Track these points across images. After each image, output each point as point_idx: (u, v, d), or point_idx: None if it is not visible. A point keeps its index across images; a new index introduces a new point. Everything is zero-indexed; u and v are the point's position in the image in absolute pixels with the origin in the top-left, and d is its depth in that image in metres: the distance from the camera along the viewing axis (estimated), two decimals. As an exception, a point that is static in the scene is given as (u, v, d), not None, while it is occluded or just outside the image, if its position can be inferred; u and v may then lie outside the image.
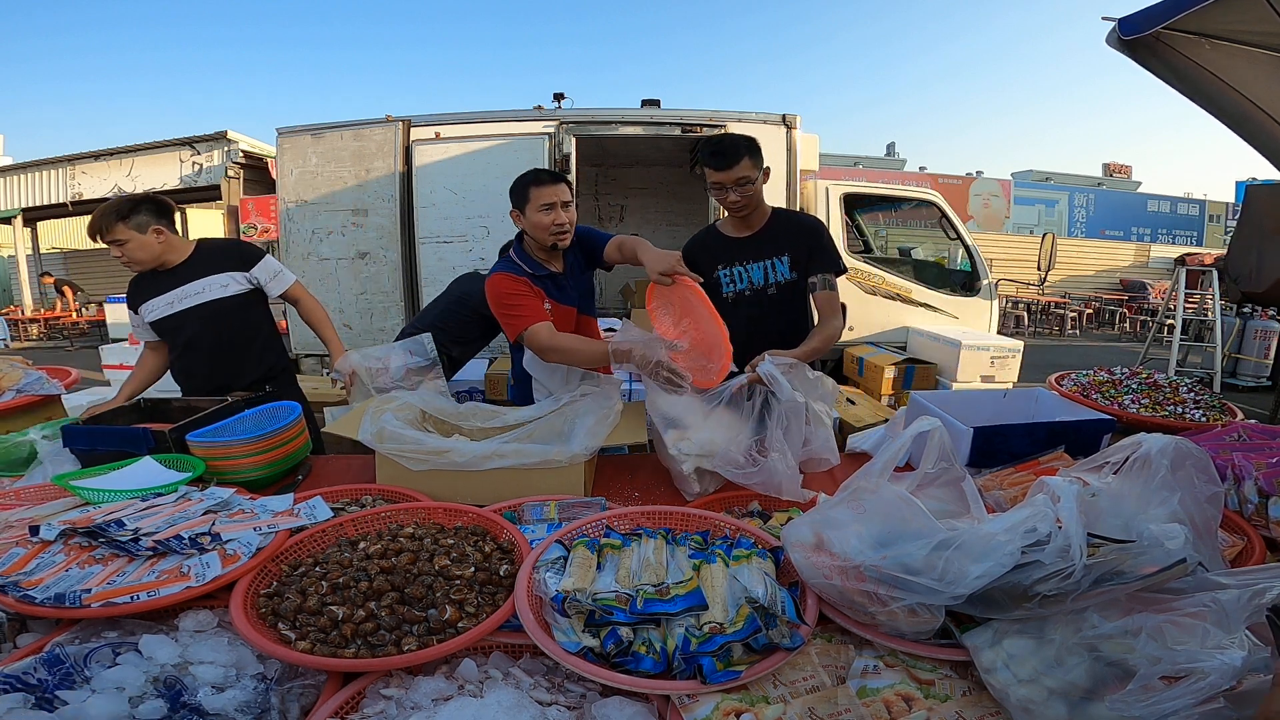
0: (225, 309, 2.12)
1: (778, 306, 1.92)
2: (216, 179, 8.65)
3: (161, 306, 2.07)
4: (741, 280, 1.91)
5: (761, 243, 1.92)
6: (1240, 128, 2.85)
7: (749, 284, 1.91)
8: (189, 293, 2.08)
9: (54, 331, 11.82)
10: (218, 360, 2.13)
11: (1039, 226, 17.58)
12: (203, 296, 2.09)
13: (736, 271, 1.91)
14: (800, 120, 4.00)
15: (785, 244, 1.91)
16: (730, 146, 1.79)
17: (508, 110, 4.03)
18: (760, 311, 1.91)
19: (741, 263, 1.91)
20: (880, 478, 1.01)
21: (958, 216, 5.15)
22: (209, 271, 2.11)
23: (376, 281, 4.04)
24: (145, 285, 2.10)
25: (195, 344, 2.10)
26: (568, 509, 1.33)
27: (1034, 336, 11.95)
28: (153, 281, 2.08)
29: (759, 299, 1.91)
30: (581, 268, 2.00)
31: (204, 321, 2.09)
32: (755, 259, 1.91)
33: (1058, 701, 0.78)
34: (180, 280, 2.08)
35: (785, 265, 1.90)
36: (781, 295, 1.92)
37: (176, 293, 2.07)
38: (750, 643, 0.87)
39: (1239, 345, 7.13)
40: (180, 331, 2.09)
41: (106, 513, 1.19)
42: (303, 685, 0.91)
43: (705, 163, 1.83)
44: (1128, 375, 2.03)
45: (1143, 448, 1.05)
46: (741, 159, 1.78)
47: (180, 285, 2.07)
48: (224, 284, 2.12)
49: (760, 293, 1.91)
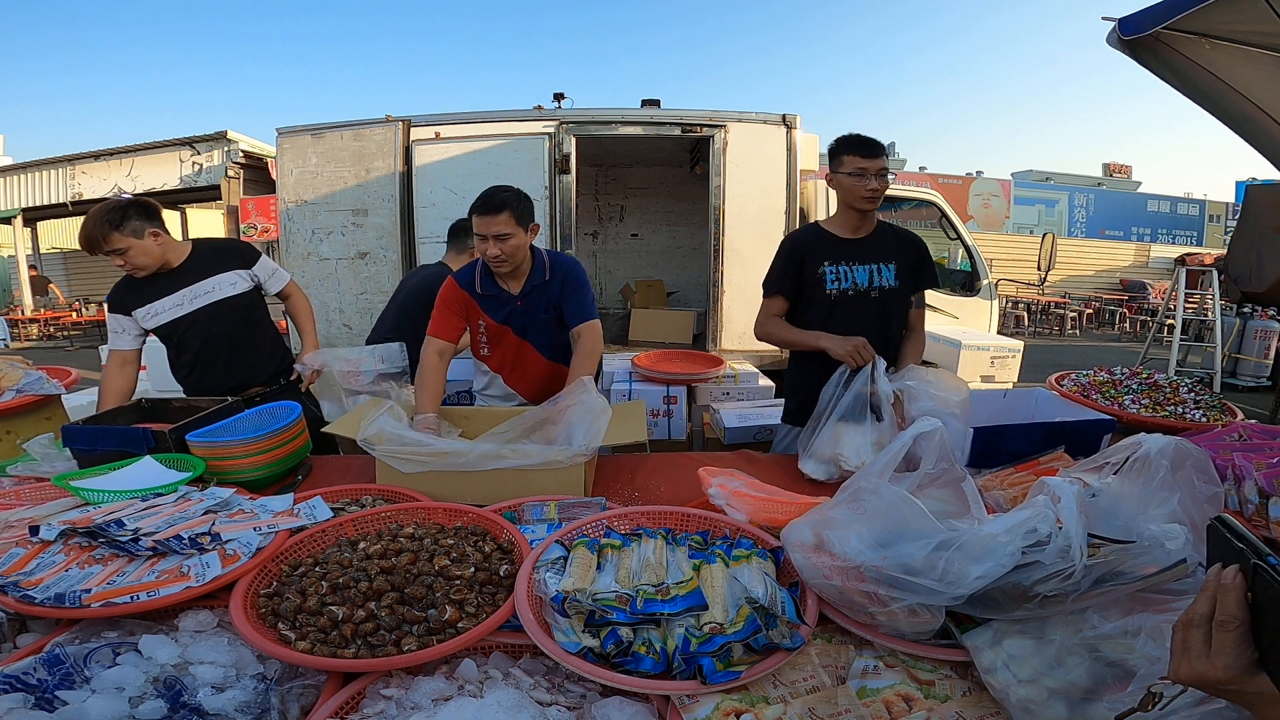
0: (236, 307, 2.11)
1: (878, 310, 1.95)
2: (216, 179, 8.66)
3: (169, 308, 2.03)
4: (846, 279, 1.94)
5: (871, 247, 1.97)
6: (1240, 128, 2.85)
7: (853, 284, 1.94)
8: (199, 292, 2.06)
9: (54, 331, 11.81)
10: (234, 358, 2.11)
11: (1039, 226, 17.58)
12: (213, 295, 2.07)
13: (843, 270, 1.95)
14: (800, 120, 4.00)
15: (894, 253, 1.97)
16: (878, 142, 1.88)
17: (508, 110, 4.03)
18: (860, 312, 1.94)
19: (848, 262, 1.95)
20: (880, 478, 1.01)
21: (958, 216, 5.16)
22: (214, 270, 2.09)
23: (376, 281, 4.03)
24: (143, 288, 2.03)
25: (210, 343, 2.08)
26: (568, 509, 1.33)
27: (1034, 336, 11.95)
28: (152, 284, 2.03)
29: (862, 300, 1.95)
30: (547, 306, 2.02)
31: (216, 321, 2.07)
32: (863, 261, 1.95)
33: (1058, 701, 0.78)
34: (186, 280, 2.05)
35: (892, 273, 1.96)
36: (883, 300, 1.96)
37: (185, 293, 2.04)
38: (750, 643, 0.87)
39: (1239, 345, 7.13)
40: (191, 332, 2.06)
41: (106, 513, 1.19)
42: (303, 685, 0.91)
43: (849, 151, 1.88)
44: (1128, 375, 2.03)
45: (1142, 448, 1.05)
46: (883, 154, 1.88)
47: (187, 285, 2.04)
48: (232, 282, 2.11)
49: (864, 294, 1.95)
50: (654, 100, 4.40)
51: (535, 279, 1.98)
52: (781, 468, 1.75)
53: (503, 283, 1.97)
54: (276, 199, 4.18)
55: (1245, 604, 0.54)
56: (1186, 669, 0.57)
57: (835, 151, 1.91)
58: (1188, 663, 0.57)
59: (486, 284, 1.98)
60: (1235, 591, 0.55)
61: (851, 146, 1.88)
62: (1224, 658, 0.54)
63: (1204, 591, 0.57)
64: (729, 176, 3.97)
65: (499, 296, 1.98)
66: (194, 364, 2.11)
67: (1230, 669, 0.54)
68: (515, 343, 2.04)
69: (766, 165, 4.01)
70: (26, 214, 10.77)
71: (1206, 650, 0.55)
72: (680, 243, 6.44)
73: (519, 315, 2.01)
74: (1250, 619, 0.54)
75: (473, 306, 1.99)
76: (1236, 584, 0.55)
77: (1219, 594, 0.56)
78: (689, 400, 3.32)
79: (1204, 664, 0.55)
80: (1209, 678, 0.55)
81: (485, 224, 1.81)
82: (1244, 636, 0.54)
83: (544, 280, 1.99)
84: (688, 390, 3.31)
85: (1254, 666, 0.53)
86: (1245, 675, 0.53)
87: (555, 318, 2.04)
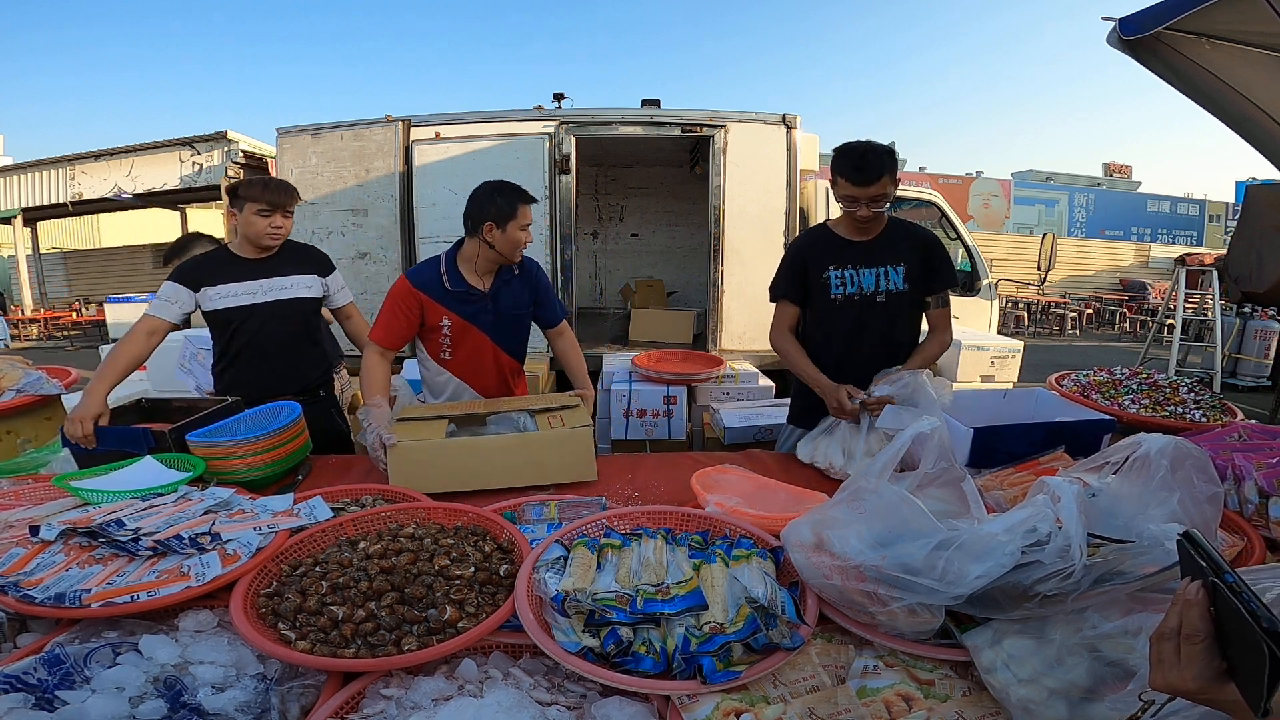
0: (303, 310, 2.10)
1: (884, 315, 1.88)
2: (216, 179, 8.65)
3: (242, 293, 2.00)
4: (852, 284, 1.87)
5: (878, 249, 1.88)
6: (1240, 128, 2.85)
7: (859, 289, 1.87)
8: (278, 286, 2.05)
9: (54, 331, 11.82)
10: (284, 359, 2.08)
11: (1039, 226, 17.58)
12: (290, 292, 2.06)
13: (848, 274, 1.87)
14: (800, 120, 4.00)
15: (902, 254, 1.87)
16: (873, 161, 1.70)
17: (508, 110, 4.03)
18: (865, 318, 1.88)
19: (854, 266, 1.87)
20: (880, 478, 1.01)
21: (958, 216, 5.15)
22: (298, 270, 2.09)
23: (377, 281, 4.03)
24: (222, 268, 2.01)
25: (267, 338, 2.04)
26: (568, 509, 1.33)
27: (1034, 336, 11.95)
28: (232, 266, 2.01)
29: (867, 305, 1.87)
30: (516, 304, 1.99)
31: (280, 318, 2.05)
32: (869, 265, 1.87)
33: (1058, 701, 0.78)
34: (267, 272, 2.04)
35: (899, 275, 1.87)
36: (890, 304, 1.87)
37: (264, 283, 2.02)
38: (750, 643, 0.87)
39: (1239, 345, 7.12)
40: (252, 322, 2.02)
41: (106, 513, 1.19)
42: (303, 685, 0.91)
43: (841, 173, 1.75)
44: (1128, 375, 2.03)
45: (1142, 448, 1.05)
46: (881, 176, 1.71)
47: (269, 276, 2.03)
48: (309, 285, 2.11)
49: (869, 299, 1.87)
50: (654, 100, 4.40)
51: (504, 275, 1.96)
52: (783, 468, 1.75)
53: (472, 279, 1.92)
54: (277, 199, 4.18)
55: (1209, 618, 0.56)
56: (1161, 679, 0.58)
57: (833, 165, 1.78)
58: (1161, 674, 0.58)
59: (455, 279, 1.91)
60: (1198, 606, 0.57)
61: (844, 169, 1.74)
62: (1192, 669, 0.56)
63: (1173, 606, 0.59)
64: (729, 176, 3.97)
65: (469, 293, 1.92)
66: (242, 355, 2.06)
67: (1199, 679, 0.55)
68: (479, 340, 1.97)
69: (766, 165, 4.01)
70: (26, 214, 10.77)
71: (1177, 662, 0.57)
72: (680, 243, 6.44)
73: (487, 313, 1.95)
74: (1215, 632, 0.56)
75: (431, 306, 1.90)
76: (1199, 600, 0.57)
77: (1184, 609, 0.58)
78: (689, 400, 3.32)
79: (1176, 675, 0.57)
80: (1180, 688, 0.57)
81: (530, 213, 1.80)
82: (1209, 649, 0.56)
83: (512, 276, 1.97)
84: (688, 390, 3.31)
85: (1223, 676, 0.55)
86: (1214, 685, 0.55)
87: (523, 316, 2.02)
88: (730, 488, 1.39)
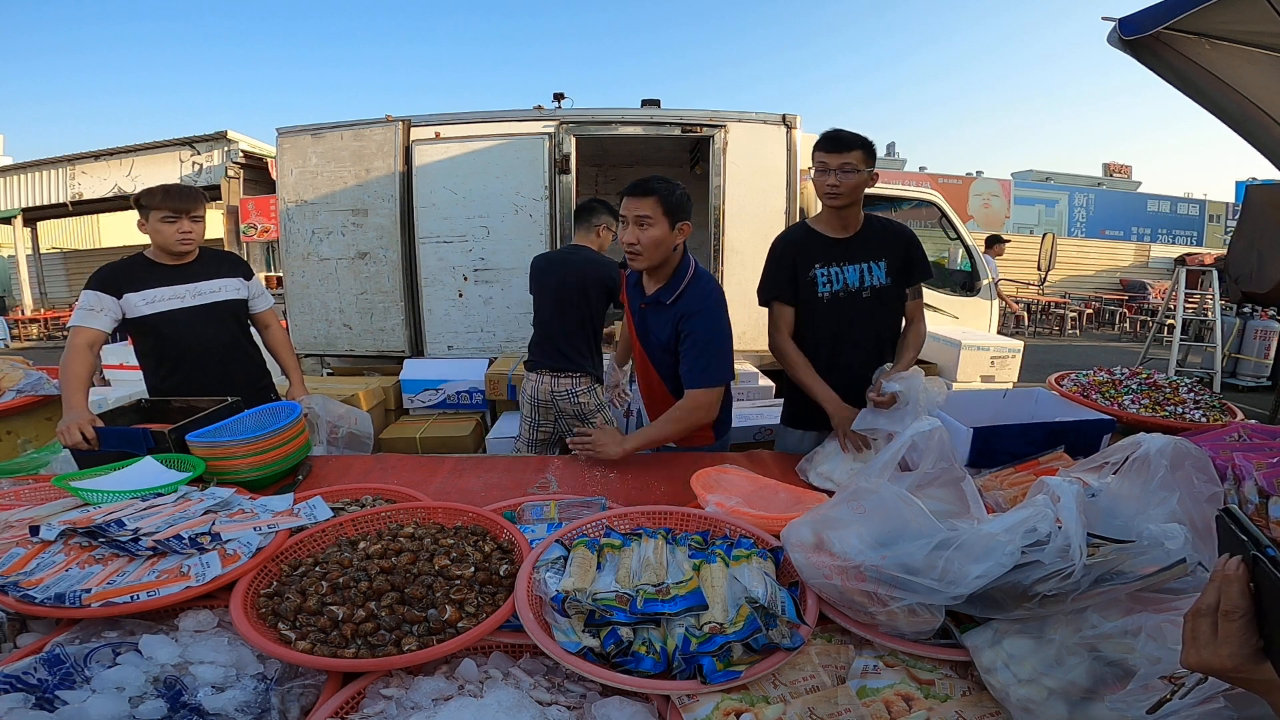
0: (235, 312, 2.11)
1: (869, 310, 1.92)
2: (216, 179, 8.66)
3: (169, 298, 1.99)
4: (838, 281, 1.91)
5: (859, 246, 1.92)
6: (1240, 128, 2.85)
7: (844, 285, 1.91)
8: (204, 290, 2.04)
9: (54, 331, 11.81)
10: (219, 364, 2.08)
11: (1039, 226, 17.56)
12: (218, 295, 2.06)
13: (833, 272, 1.91)
14: (800, 120, 4.00)
15: (884, 250, 1.92)
16: (847, 137, 1.82)
17: (508, 110, 4.03)
18: (851, 314, 1.91)
19: (838, 263, 1.91)
20: (880, 478, 1.01)
21: (958, 216, 5.15)
22: (220, 274, 2.09)
23: (376, 281, 4.03)
24: (143, 273, 1.98)
25: (200, 343, 2.04)
26: (568, 509, 1.33)
27: (1034, 336, 11.95)
28: (153, 272, 2.00)
29: (853, 301, 1.92)
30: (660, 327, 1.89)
31: (211, 322, 2.05)
32: (852, 261, 1.91)
33: (1058, 701, 0.78)
34: (190, 277, 2.02)
35: (882, 270, 1.91)
36: (875, 299, 1.92)
37: (189, 287, 2.01)
38: (750, 643, 0.87)
39: (1239, 345, 7.12)
40: (182, 328, 2.01)
41: (106, 513, 1.19)
42: (303, 685, 0.91)
43: (818, 146, 1.85)
44: (1128, 375, 2.03)
45: (1142, 448, 1.05)
46: (854, 149, 1.80)
47: (193, 281, 2.02)
48: (235, 288, 2.11)
49: (854, 295, 1.91)
50: (654, 100, 4.39)
51: (664, 292, 1.83)
52: (783, 468, 1.75)
53: (642, 276, 1.93)
54: (276, 199, 4.18)
55: (1248, 594, 0.55)
56: (1195, 657, 0.58)
57: (813, 146, 1.87)
58: (1196, 651, 0.58)
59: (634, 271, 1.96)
60: (1238, 582, 0.56)
61: (821, 141, 1.84)
62: (1229, 646, 0.55)
63: (1211, 582, 0.58)
64: (729, 176, 3.97)
65: (638, 287, 1.95)
66: (177, 362, 2.04)
67: (1235, 657, 0.55)
68: (633, 342, 2.01)
69: (766, 165, 4.00)
70: (26, 214, 10.78)
71: (1214, 639, 0.56)
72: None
73: (640, 317, 1.95)
74: (1254, 609, 0.55)
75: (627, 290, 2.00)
76: (1239, 575, 0.56)
77: (1223, 585, 0.57)
78: (689, 400, 3.32)
79: (1210, 652, 0.56)
80: (1215, 666, 0.56)
81: (630, 205, 1.77)
82: (1248, 626, 0.55)
83: (670, 299, 1.82)
84: (688, 390, 3.30)
85: (1259, 654, 0.54)
86: (1250, 663, 0.54)
87: (668, 346, 1.85)
88: (730, 488, 1.39)
